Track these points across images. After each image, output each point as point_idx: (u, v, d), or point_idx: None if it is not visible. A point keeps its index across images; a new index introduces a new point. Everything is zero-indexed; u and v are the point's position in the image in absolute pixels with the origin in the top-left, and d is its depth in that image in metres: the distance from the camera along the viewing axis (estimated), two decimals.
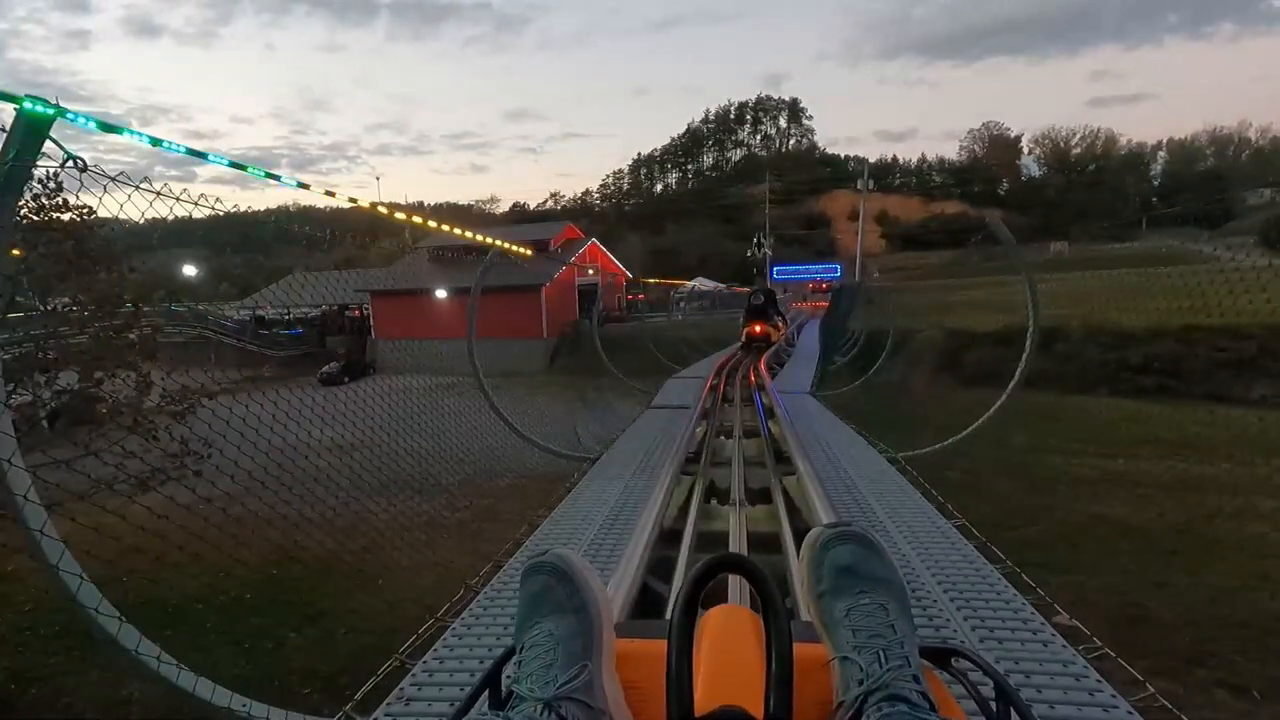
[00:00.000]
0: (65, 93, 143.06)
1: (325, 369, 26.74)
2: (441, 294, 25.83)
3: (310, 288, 29.17)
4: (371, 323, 31.30)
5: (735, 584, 2.38)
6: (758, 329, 15.93)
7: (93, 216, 7.40)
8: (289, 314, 34.19)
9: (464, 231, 7.51)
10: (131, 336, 8.30)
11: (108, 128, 2.57)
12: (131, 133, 3.00)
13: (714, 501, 4.34)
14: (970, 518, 4.76)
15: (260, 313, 34.02)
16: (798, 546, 3.23)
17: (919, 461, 6.45)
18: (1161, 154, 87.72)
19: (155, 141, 3.19)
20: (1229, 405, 16.02)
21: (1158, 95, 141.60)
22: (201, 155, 4.13)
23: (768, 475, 4.66)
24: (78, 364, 7.12)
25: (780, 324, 18.37)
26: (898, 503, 4.31)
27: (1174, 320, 19.40)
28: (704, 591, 0.83)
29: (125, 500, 9.98)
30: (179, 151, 3.51)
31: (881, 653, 0.80)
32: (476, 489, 13.79)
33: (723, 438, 6.17)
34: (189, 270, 40.08)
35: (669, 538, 3.71)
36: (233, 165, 4.00)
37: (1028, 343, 6.55)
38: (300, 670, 8.23)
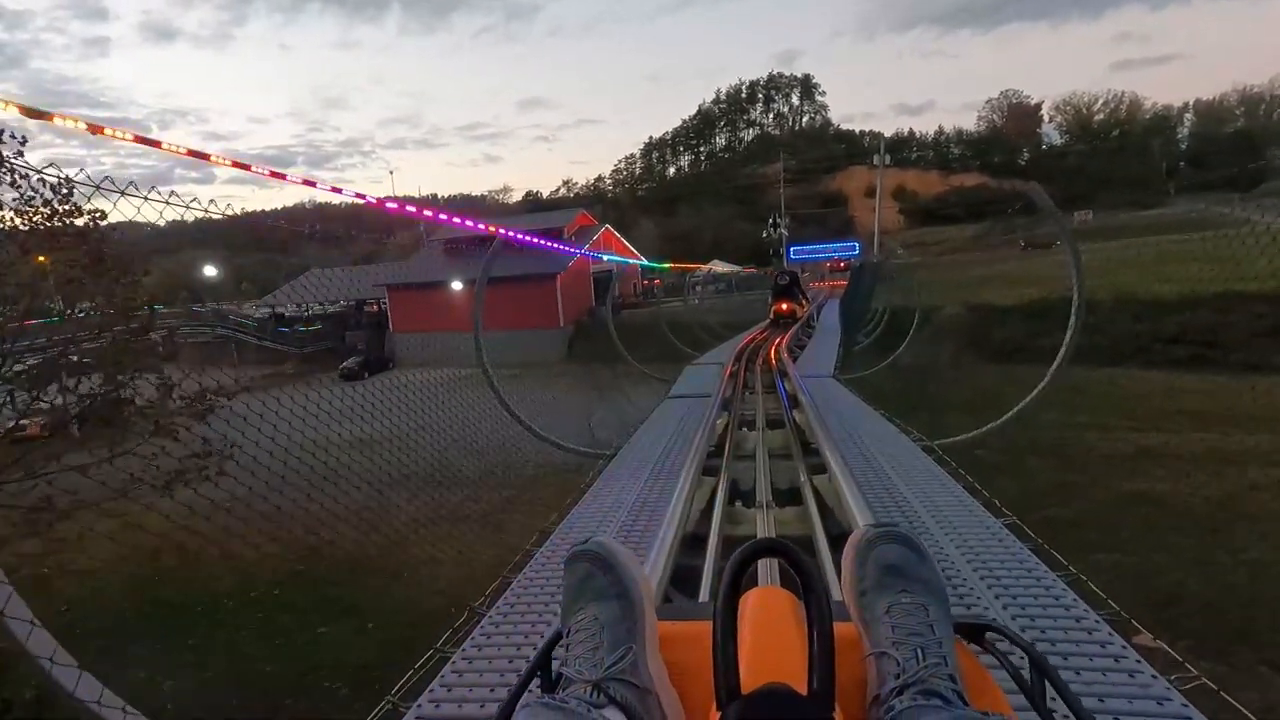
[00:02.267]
0: (87, 100, 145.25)
1: (345, 364, 26.97)
2: (457, 286, 25.85)
3: (326, 284, 29.38)
4: (389, 317, 31.46)
5: (766, 569, 2.43)
6: (784, 307, 18.45)
7: (104, 221, 7.39)
8: (308, 311, 34.48)
9: (464, 221, 7.42)
10: (154, 337, 8.34)
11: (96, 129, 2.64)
12: (118, 135, 2.99)
13: (739, 504, 4.10)
14: (1003, 498, 4.62)
15: (280, 310, 34.35)
16: (832, 551, 3.03)
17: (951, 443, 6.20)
18: (1189, 116, 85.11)
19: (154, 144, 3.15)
20: (1269, 374, 15.52)
21: (1185, 56, 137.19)
22: (203, 156, 4.09)
23: (795, 470, 4.42)
24: (99, 368, 7.16)
25: (804, 301, 18.96)
26: (933, 493, 4.10)
27: (1209, 288, 18.84)
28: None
29: (153, 501, 10.13)
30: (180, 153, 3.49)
31: (920, 650, 0.81)
32: (498, 481, 13.81)
33: (745, 430, 5.89)
34: (210, 271, 40.56)
35: (692, 544, 3.53)
36: (209, 163, 3.96)
37: (1072, 317, 5.92)
38: (330, 664, 8.30)
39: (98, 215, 7.32)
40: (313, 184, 5.20)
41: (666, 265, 27.30)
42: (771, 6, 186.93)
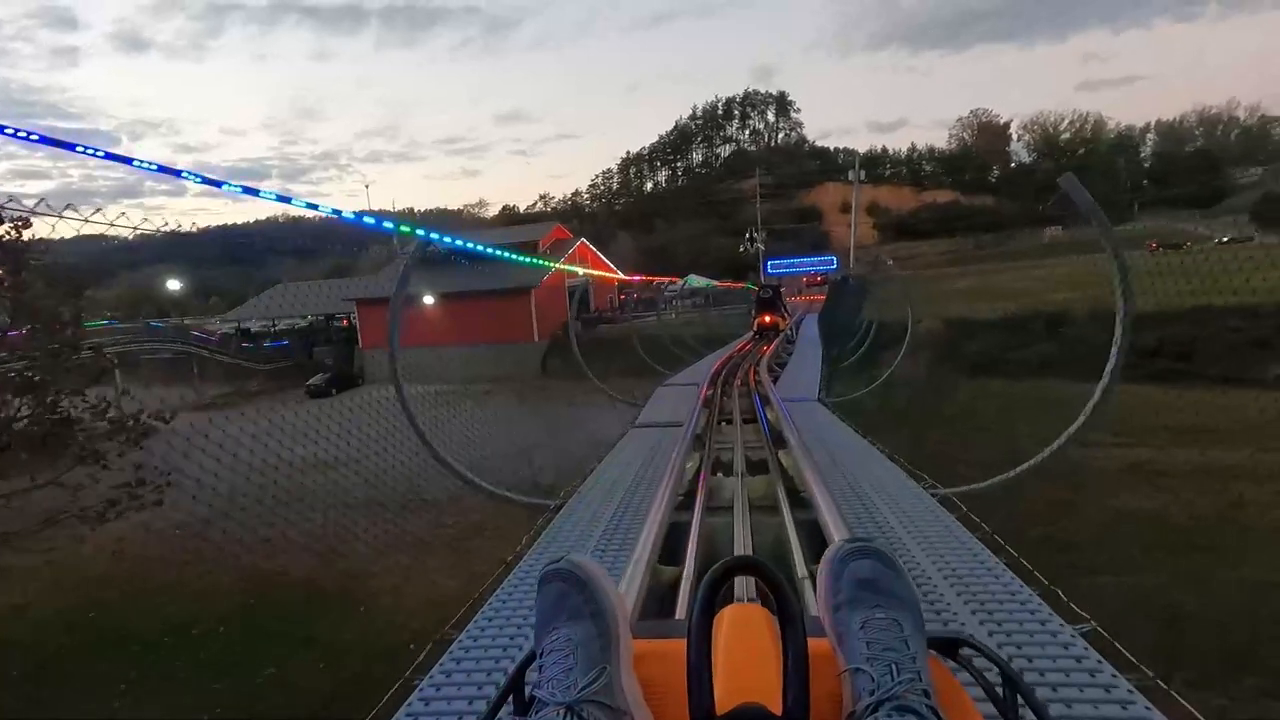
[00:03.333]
0: (55, 110, 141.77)
1: (312, 381, 26.09)
2: (429, 300, 25.20)
3: (294, 299, 28.52)
4: (359, 332, 30.57)
5: (743, 582, 2.29)
6: (767, 319, 17.75)
7: (28, 231, 6.72)
8: (275, 326, 33.46)
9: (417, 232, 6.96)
10: (84, 356, 7.61)
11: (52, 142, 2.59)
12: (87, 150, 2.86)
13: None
14: (993, 519, 4.22)
15: (245, 325, 33.30)
16: (810, 567, 2.77)
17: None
18: (1151, 136, 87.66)
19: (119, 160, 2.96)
20: (1244, 387, 15.53)
21: (1147, 77, 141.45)
22: (175, 173, 3.75)
23: (782, 528, 3.58)
24: (12, 391, 6.48)
25: (786, 314, 18.89)
26: (907, 506, 3.93)
27: (1183, 302, 18.96)
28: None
29: (87, 532, 9.36)
30: (149, 169, 3.32)
31: (894, 665, 0.81)
32: (465, 504, 13.19)
33: (721, 475, 4.68)
34: (173, 285, 39.34)
35: (669, 560, 3.15)
36: (159, 169, 3.58)
37: (1117, 331, 4.63)
38: (277, 709, 7.62)
39: (19, 224, 6.64)
40: (253, 191, 4.81)
41: (635, 278, 26.91)
42: (748, 23, 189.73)
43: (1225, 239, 41.98)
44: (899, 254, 54.90)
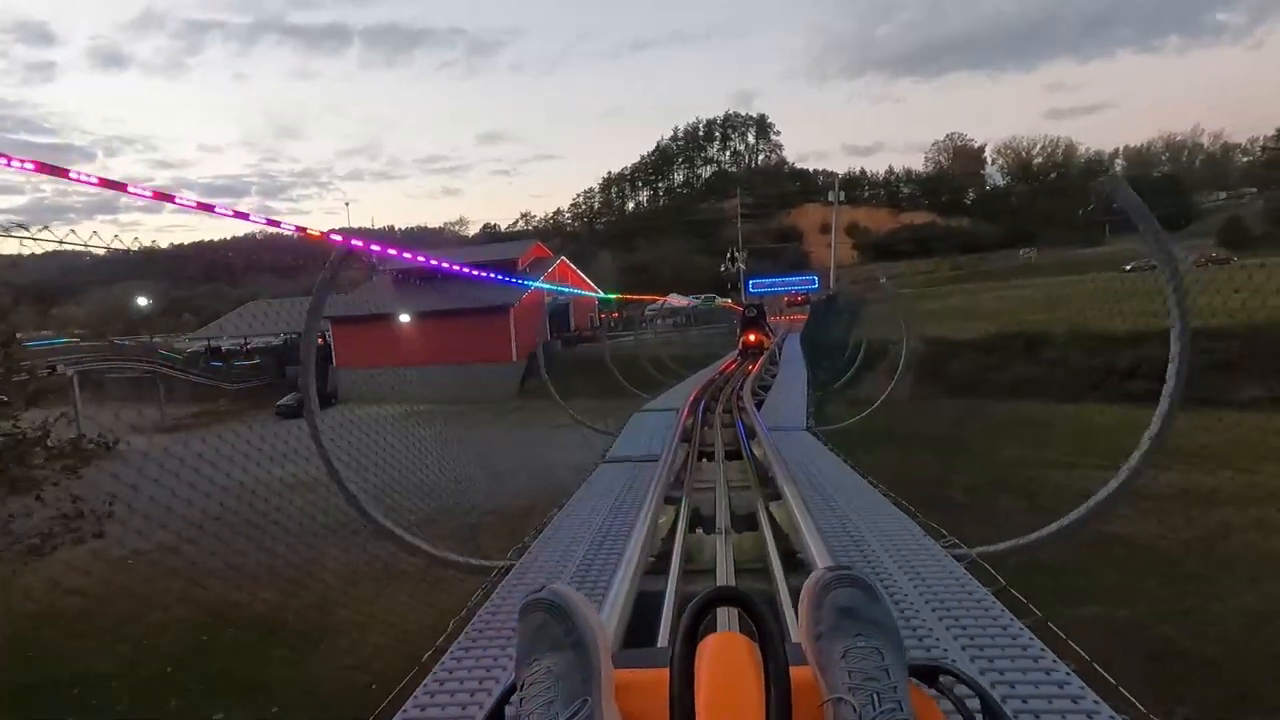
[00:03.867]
0: (28, 125, 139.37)
1: (283, 401, 25.38)
2: (405, 318, 24.70)
3: (266, 316, 27.89)
4: (333, 351, 29.90)
5: (725, 611, 2.18)
6: (752, 338, 17.44)
7: None
8: (247, 344, 32.66)
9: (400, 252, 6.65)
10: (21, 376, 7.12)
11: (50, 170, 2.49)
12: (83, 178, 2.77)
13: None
14: (971, 542, 4.12)
15: (216, 344, 32.49)
16: (793, 595, 2.56)
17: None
18: (1119, 161, 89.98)
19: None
20: (1218, 408, 15.59)
21: (1113, 105, 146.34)
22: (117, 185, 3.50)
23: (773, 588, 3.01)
24: None
25: (770, 333, 18.78)
26: (891, 531, 3.85)
27: (1157, 323, 19.10)
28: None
29: (22, 565, 8.76)
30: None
31: (875, 695, 0.81)
32: (437, 530, 12.69)
33: (700, 531, 3.96)
34: (142, 301, 38.38)
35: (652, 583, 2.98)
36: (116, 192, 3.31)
37: (1176, 350, 3.74)
38: None
39: None
40: (210, 208, 4.53)
41: (614, 296, 26.66)
42: (727, 50, 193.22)
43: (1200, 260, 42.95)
44: (880, 274, 55.41)
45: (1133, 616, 7.58)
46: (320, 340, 33.28)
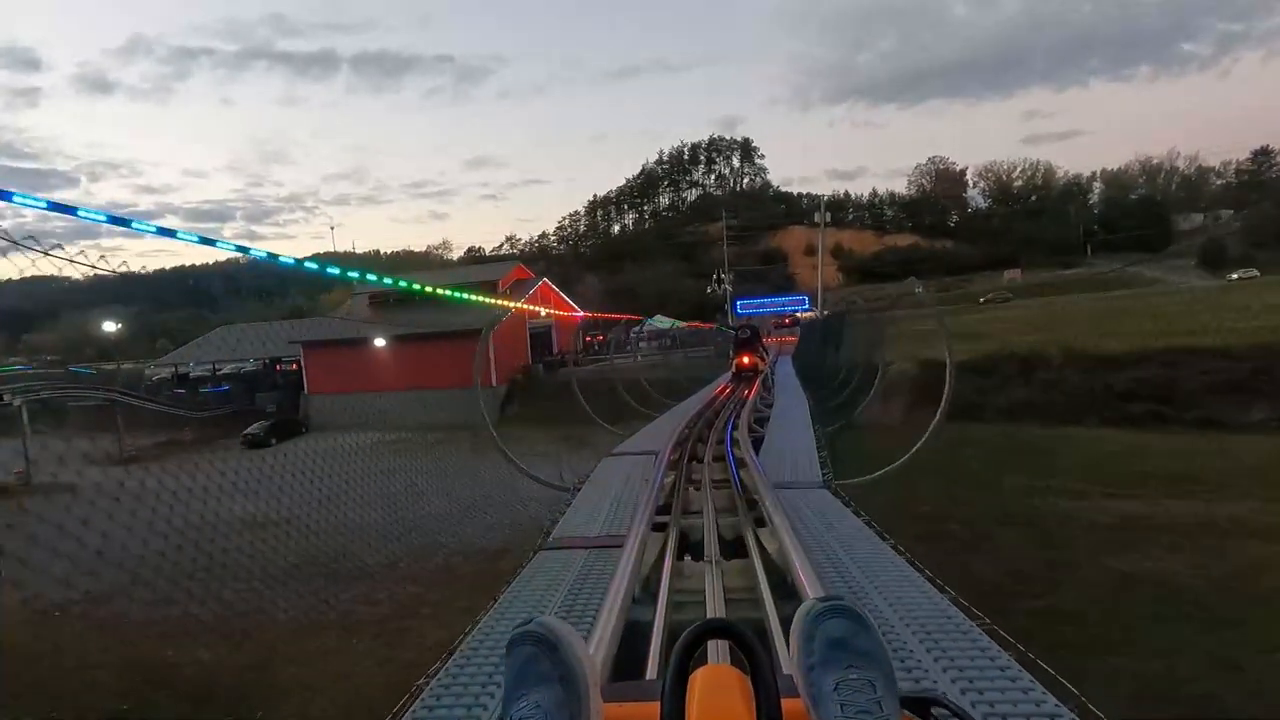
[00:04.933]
0: (10, 150, 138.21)
1: (249, 430, 24.22)
2: (379, 343, 23.75)
3: (239, 341, 26.83)
4: (304, 377, 28.74)
5: (716, 643, 1.93)
6: (746, 360, 16.47)
7: None
8: (216, 370, 31.44)
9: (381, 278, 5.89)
10: None
11: (58, 207, 2.59)
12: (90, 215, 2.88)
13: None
14: (982, 585, 4.62)
15: (184, 370, 31.24)
16: (783, 625, 2.48)
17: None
18: (1097, 184, 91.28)
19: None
20: (1226, 432, 15.01)
21: (1088, 131, 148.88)
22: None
23: None
24: None
25: (765, 355, 17.82)
26: (879, 569, 3.37)
27: (1155, 342, 18.60)
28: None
29: None
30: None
31: None
32: (401, 573, 11.68)
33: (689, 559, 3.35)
34: (108, 326, 37.15)
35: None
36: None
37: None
38: None
39: None
40: (171, 233, 4.21)
41: (585, 315, 25.78)
42: (711, 77, 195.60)
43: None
44: (864, 295, 55.20)
45: (1169, 670, 6.77)
46: (295, 365, 32.22)
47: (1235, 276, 46.64)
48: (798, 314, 43.48)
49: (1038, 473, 13.43)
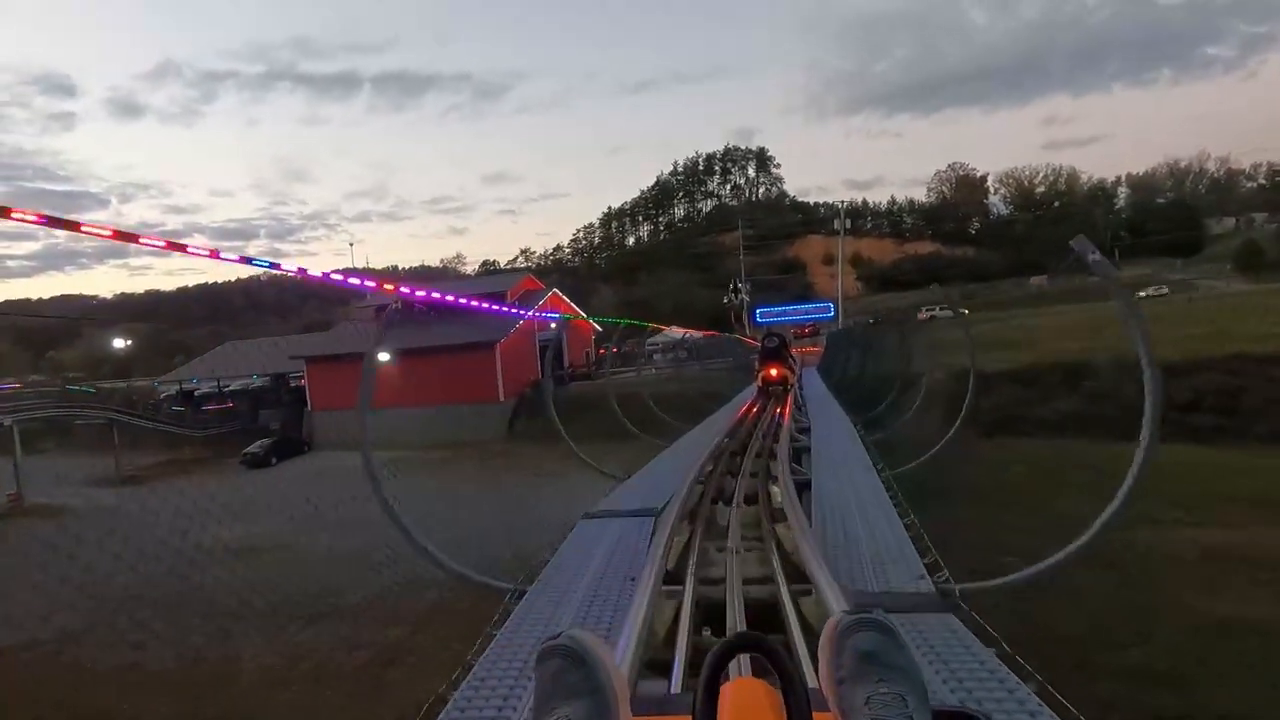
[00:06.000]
0: (44, 173, 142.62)
1: (249, 450, 23.39)
2: (384, 357, 22.73)
3: (244, 357, 26.13)
4: (308, 393, 27.88)
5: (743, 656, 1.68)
6: (774, 372, 15.06)
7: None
8: (223, 386, 30.76)
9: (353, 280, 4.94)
10: None
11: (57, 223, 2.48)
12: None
13: None
14: (1056, 634, 4.44)
15: (190, 387, 30.62)
16: (808, 638, 2.49)
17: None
18: (1122, 189, 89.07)
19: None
20: None
21: (1109, 136, 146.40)
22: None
23: None
24: None
25: (794, 366, 16.11)
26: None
27: (1213, 349, 17.11)
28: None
29: None
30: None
31: None
32: (388, 611, 10.56)
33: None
34: (119, 344, 36.92)
35: None
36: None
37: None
38: None
39: None
40: (181, 246, 3.84)
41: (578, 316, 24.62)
42: (726, 89, 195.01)
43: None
44: (886, 304, 53.68)
45: None
46: (304, 381, 31.45)
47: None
48: (818, 323, 41.99)
49: (1098, 495, 12.01)
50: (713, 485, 5.37)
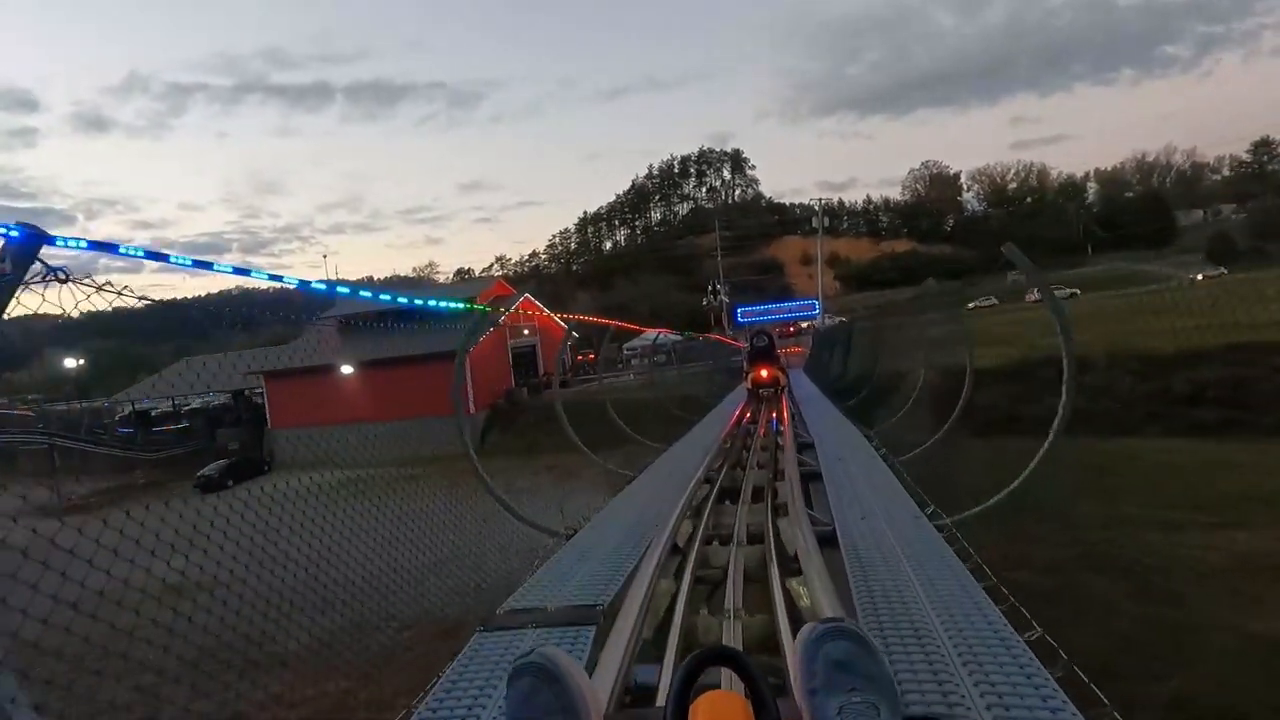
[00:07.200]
0: (6, 190, 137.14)
1: (203, 472, 21.96)
2: (347, 370, 21.56)
3: (201, 373, 24.63)
4: (267, 410, 26.43)
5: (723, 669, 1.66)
6: (764, 374, 13.65)
7: None
8: (180, 405, 29.15)
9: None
10: None
11: (99, 246, 2.51)
12: (129, 251, 2.73)
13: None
14: (1084, 656, 2.41)
15: (143, 407, 28.98)
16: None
17: None
18: (1091, 184, 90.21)
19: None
20: None
21: (1074, 135, 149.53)
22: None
23: None
24: None
25: (785, 366, 14.82)
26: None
27: (1211, 339, 16.52)
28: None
29: None
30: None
31: None
32: (333, 656, 9.38)
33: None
34: (70, 363, 35.10)
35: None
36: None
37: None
38: None
39: None
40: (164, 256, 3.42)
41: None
42: (701, 93, 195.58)
43: (1199, 276, 41.32)
44: (868, 302, 53.31)
45: None
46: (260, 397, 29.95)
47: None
48: (802, 322, 41.22)
49: (1109, 496, 11.27)
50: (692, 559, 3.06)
